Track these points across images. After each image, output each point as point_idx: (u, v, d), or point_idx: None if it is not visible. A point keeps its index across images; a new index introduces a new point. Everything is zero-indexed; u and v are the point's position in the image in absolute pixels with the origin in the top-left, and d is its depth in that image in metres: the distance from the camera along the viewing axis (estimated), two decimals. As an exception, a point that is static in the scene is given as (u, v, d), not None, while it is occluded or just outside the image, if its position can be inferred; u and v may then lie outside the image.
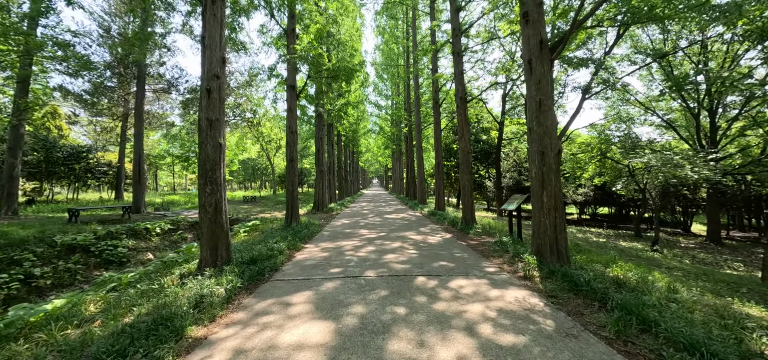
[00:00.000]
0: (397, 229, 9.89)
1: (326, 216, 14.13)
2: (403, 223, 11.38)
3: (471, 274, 5.06)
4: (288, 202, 10.67)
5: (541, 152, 5.71)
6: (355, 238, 8.51)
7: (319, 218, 13.18)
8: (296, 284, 4.67)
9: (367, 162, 63.41)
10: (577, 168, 22.20)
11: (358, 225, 10.95)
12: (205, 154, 5.49)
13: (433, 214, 14.24)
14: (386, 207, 19.12)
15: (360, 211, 16.06)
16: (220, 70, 5.73)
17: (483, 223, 10.88)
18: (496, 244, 7.26)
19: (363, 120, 39.52)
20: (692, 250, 14.61)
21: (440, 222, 11.70)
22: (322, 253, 6.76)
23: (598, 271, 4.99)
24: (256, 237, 9.12)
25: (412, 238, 8.46)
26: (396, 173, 43.63)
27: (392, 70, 30.67)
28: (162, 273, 5.66)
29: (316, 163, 15.94)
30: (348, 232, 9.55)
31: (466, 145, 10.73)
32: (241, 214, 14.72)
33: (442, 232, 9.46)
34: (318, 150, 15.83)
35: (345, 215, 14.30)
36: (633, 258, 10.14)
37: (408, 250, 6.85)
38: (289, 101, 10.78)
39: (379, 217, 13.30)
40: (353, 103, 21.61)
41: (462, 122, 10.78)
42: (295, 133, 10.78)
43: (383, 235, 8.98)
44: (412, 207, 18.54)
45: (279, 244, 6.96)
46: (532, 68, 5.92)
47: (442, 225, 11.07)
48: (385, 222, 11.79)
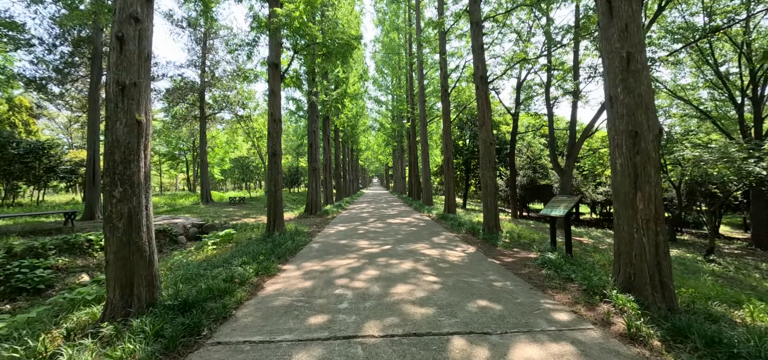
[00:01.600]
0: (404, 240, 7.93)
1: (320, 220, 12.17)
2: (411, 231, 9.42)
3: (537, 330, 3.10)
4: (270, 206, 8.70)
5: (633, 134, 3.75)
6: (352, 253, 6.55)
7: (310, 224, 11.21)
8: (247, 357, 2.71)
9: (367, 160, 61.51)
10: (598, 164, 20.28)
11: (355, 233, 8.98)
12: (113, 137, 3.54)
13: (444, 217, 12.29)
14: (389, 209, 17.15)
15: (359, 215, 14.10)
16: (140, 10, 3.76)
17: (506, 229, 8.92)
18: (543, 266, 5.31)
19: (362, 116, 37.53)
20: (743, 257, 12.64)
21: (455, 228, 9.73)
22: (303, 281, 4.79)
23: (754, 330, 3.02)
24: (225, 252, 7.16)
25: (426, 253, 6.50)
26: (397, 172, 41.69)
27: (393, 60, 28.70)
28: (58, 317, 3.69)
29: (309, 159, 13.97)
30: (343, 243, 7.58)
31: (488, 135, 8.76)
32: (221, 218, 12.75)
33: (462, 243, 7.49)
34: (310, 145, 13.87)
35: (342, 220, 12.33)
36: (695, 273, 8.15)
37: (425, 277, 4.88)
38: (271, 82, 8.81)
39: (381, 222, 11.33)
40: (351, 94, 19.63)
41: (483, 107, 8.81)
42: (278, 122, 8.81)
43: (388, 248, 7.01)
44: (418, 209, 16.58)
45: (245, 269, 5.00)
46: (614, 8, 3.95)
47: (459, 232, 9.10)
48: (389, 229, 9.82)
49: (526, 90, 18.45)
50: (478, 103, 8.96)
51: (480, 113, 8.90)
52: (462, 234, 8.86)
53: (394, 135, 37.25)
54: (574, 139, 13.73)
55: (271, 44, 8.86)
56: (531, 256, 6.34)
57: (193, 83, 17.96)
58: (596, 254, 6.53)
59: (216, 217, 13.09)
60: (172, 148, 28.72)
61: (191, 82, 17.94)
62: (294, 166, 34.89)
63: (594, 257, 6.18)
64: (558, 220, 6.63)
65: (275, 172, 8.67)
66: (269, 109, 8.85)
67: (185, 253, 7.66)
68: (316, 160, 13.90)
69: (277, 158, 8.70)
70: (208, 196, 18.78)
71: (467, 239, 8.13)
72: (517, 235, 8.41)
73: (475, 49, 9.06)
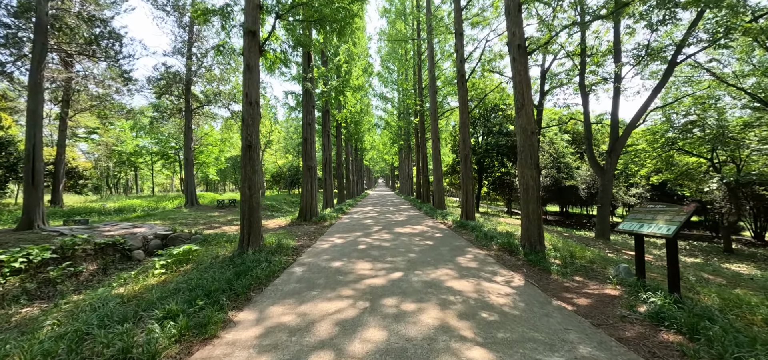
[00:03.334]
0: (420, 262, 5.87)
1: (314, 229, 10.17)
2: (426, 245, 7.35)
3: None
4: (243, 215, 6.70)
5: None
6: (346, 287, 4.52)
7: (300, 235, 9.21)
8: None
9: (372, 160, 59.57)
10: (632, 163, 18.02)
11: (355, 249, 6.94)
12: None
13: (463, 225, 10.21)
14: (396, 213, 15.10)
15: (361, 221, 12.07)
16: None
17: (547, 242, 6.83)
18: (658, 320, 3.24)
19: (367, 114, 35.55)
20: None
21: (482, 242, 7.65)
22: (256, 357, 2.78)
23: None
24: (174, 278, 5.18)
25: (455, 287, 4.44)
26: (404, 172, 39.64)
27: (399, 53, 26.65)
28: None
29: (303, 156, 11.98)
30: (336, 267, 5.55)
31: (528, 122, 6.67)
32: (198, 226, 10.81)
33: (501, 268, 5.42)
34: (305, 140, 11.87)
35: (341, 228, 10.31)
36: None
37: (465, 348, 2.83)
38: (247, 54, 6.83)
39: (387, 232, 9.27)
40: (354, 86, 17.64)
41: (521, 85, 6.73)
42: (255, 106, 6.82)
43: (398, 277, 4.96)
44: (429, 214, 14.51)
45: (164, 328, 3.01)
46: None
47: (489, 249, 7.01)
48: (398, 242, 7.77)
49: (550, 79, 16.29)
50: (515, 81, 6.87)
51: (517, 93, 6.81)
52: (494, 251, 6.77)
53: (400, 133, 35.20)
54: (616, 133, 11.56)
55: (246, 6, 6.88)
56: (611, 294, 4.26)
57: (176, 73, 16.09)
58: (719, 294, 4.39)
59: (194, 223, 11.15)
60: (164, 147, 26.94)
61: (175, 72, 16.07)
62: (294, 165, 32.95)
63: (715, 298, 4.05)
64: (637, 238, 4.51)
65: (250, 169, 6.67)
66: (244, 89, 6.86)
67: (124, 278, 5.70)
68: (312, 157, 11.90)
69: (253, 152, 6.70)
70: (193, 198, 16.89)
71: (504, 260, 6.04)
72: (569, 253, 6.31)
73: (511, 10, 6.97)
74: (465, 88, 12.53)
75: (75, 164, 18.47)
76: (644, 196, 18.12)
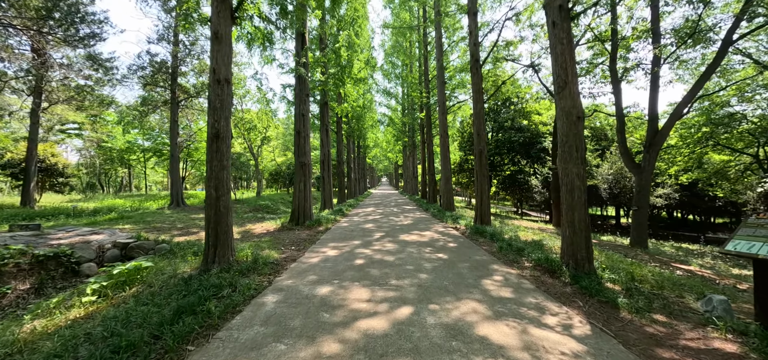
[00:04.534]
0: (436, 288, 4.43)
1: (307, 235, 8.76)
2: (441, 262, 5.91)
3: None
4: (208, 223, 5.31)
5: None
6: (328, 345, 3.09)
7: (287, 244, 7.81)
8: None
9: (375, 158, 58.20)
10: (660, 160, 16.43)
11: (350, 267, 5.49)
12: None
13: (479, 231, 8.77)
14: (400, 216, 13.66)
15: (362, 226, 10.65)
16: None
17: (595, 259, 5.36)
18: None
19: (370, 110, 34.11)
20: None
21: (508, 255, 6.19)
22: None
23: None
24: (105, 309, 3.80)
25: (492, 338, 3.00)
26: (408, 170, 38.19)
27: (404, 45, 25.11)
28: None
29: (295, 152, 10.55)
30: (322, 296, 4.12)
31: (573, 103, 5.21)
32: (172, 231, 9.45)
33: (547, 300, 3.96)
34: (298, 133, 10.44)
35: (337, 235, 8.90)
36: None
37: None
38: (215, 20, 5.43)
39: (391, 241, 7.83)
40: (356, 77, 16.21)
41: (564, 56, 5.26)
42: (225, 85, 5.42)
43: (407, 314, 3.53)
44: (437, 216, 13.06)
45: None
46: None
47: (520, 266, 5.55)
48: (405, 256, 6.33)
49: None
50: (555, 52, 5.39)
51: (559, 69, 5.33)
52: (528, 269, 5.31)
53: (404, 130, 33.72)
54: (655, 126, 10.01)
55: (214, -41, 5.46)
56: (728, 350, 2.80)
57: (162, 62, 14.71)
58: None
59: (170, 228, 9.78)
60: (156, 143, 25.63)
61: (161, 61, 14.68)
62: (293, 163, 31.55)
63: None
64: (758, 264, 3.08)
65: (217, 165, 5.26)
66: (211, 63, 5.45)
67: (44, 307, 4.32)
68: (306, 153, 10.46)
69: (221, 143, 5.29)
70: (179, 198, 15.55)
71: (546, 285, 4.58)
72: (628, 275, 4.84)
73: (549, -37, 5.48)
74: (479, 74, 11.04)
75: (54, 161, 17.18)
76: (672, 196, 16.52)
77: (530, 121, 20.47)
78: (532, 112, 20.71)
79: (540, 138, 19.68)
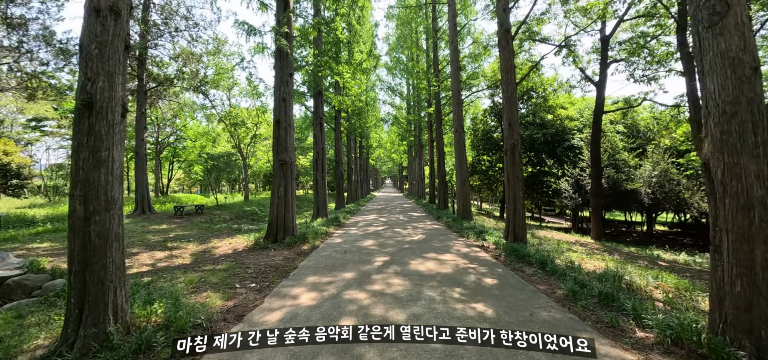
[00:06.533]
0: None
1: (283, 259, 6.42)
2: (487, 323, 3.51)
3: None
4: (71, 260, 2.95)
5: None
6: None
7: (244, 278, 5.48)
8: None
9: (379, 159, 55.89)
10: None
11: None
12: None
13: (520, 254, 6.39)
14: (408, 227, 11.26)
15: (359, 243, 8.30)
16: None
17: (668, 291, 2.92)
18: None
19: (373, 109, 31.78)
20: None
21: (593, 308, 3.77)
22: None
23: None
24: None
25: None
26: (414, 172, 35.83)
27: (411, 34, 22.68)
28: None
29: (274, 146, 8.18)
30: None
31: (742, 43, 2.76)
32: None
33: None
34: (277, 122, 8.07)
35: (323, 261, 6.55)
36: None
37: None
38: None
39: (400, 275, 5.43)
40: (355, 63, 13.90)
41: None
42: (109, 17, 3.06)
43: None
44: (454, 227, 10.66)
45: None
46: None
47: (628, 334, 3.12)
48: (423, 311, 3.95)
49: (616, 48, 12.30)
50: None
51: None
52: (651, 343, 2.89)
53: (410, 129, 31.35)
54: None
55: None
56: None
57: (128, 43, 12.57)
58: None
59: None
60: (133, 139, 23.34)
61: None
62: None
63: None
64: None
65: (91, 159, 2.93)
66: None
67: None
68: (287, 148, 8.10)
69: (97, 119, 2.96)
70: (146, 204, 13.28)
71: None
72: None
73: None
74: (511, 48, 8.64)
75: (7, 160, 14.96)
76: None
77: (555, 115, 17.97)
78: (557, 106, 18.21)
79: (567, 134, 17.17)
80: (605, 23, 12.41)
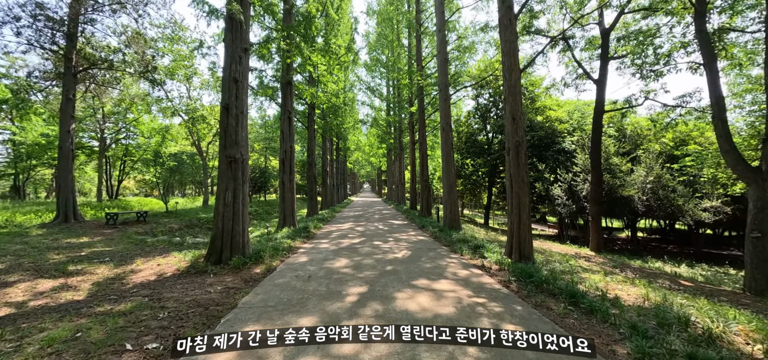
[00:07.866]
0: None
1: (222, 291, 4.72)
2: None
3: None
4: None
5: None
6: None
7: (153, 329, 3.69)
8: None
9: (357, 163, 54.16)
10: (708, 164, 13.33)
11: None
12: None
13: (533, 279, 4.96)
14: (390, 240, 9.69)
15: (329, 264, 6.68)
16: None
17: None
18: None
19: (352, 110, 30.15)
20: None
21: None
22: None
23: None
24: None
25: None
26: (394, 176, 34.39)
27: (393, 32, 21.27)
28: None
29: (221, 138, 6.41)
30: None
31: None
32: None
33: None
34: (225, 108, 6.31)
35: (274, 295, 4.89)
36: None
37: None
38: None
39: (381, 319, 3.86)
40: (333, 50, 12.29)
41: None
42: None
43: None
44: (441, 238, 9.21)
45: None
46: None
47: None
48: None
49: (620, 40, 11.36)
50: None
51: None
52: None
53: (390, 131, 29.93)
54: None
55: None
56: None
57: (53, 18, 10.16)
58: None
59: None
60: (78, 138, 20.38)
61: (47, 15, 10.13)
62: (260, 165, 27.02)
63: None
64: None
65: None
66: None
67: None
68: (239, 142, 6.36)
69: None
70: (71, 210, 10.93)
71: None
72: None
73: None
74: (513, 29, 7.32)
75: None
76: (723, 210, 13.37)
77: (545, 116, 17.04)
78: (546, 108, 17.30)
79: (557, 137, 16.25)
80: (603, 14, 11.46)
